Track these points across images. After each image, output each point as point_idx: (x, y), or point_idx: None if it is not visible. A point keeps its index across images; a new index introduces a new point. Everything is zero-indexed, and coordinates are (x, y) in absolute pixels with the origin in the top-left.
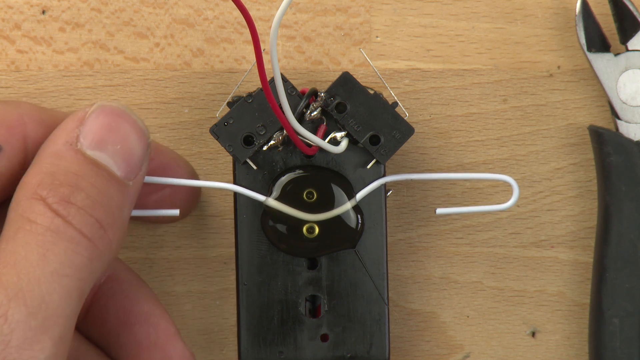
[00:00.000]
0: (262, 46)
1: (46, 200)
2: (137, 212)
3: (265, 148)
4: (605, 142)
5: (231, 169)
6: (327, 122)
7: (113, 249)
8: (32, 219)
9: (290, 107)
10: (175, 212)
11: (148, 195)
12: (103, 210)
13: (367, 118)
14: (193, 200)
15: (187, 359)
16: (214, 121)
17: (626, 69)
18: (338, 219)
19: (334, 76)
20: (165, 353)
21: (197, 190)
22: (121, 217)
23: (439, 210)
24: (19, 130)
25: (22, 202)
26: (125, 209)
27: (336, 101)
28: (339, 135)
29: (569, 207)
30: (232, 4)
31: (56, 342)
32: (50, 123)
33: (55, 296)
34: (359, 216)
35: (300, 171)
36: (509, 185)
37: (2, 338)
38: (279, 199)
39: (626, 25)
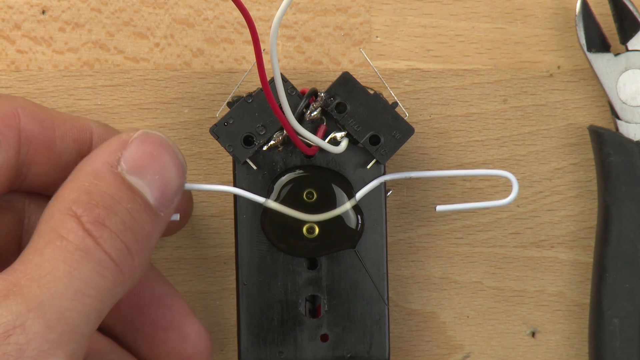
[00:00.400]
0: (262, 46)
1: (80, 218)
2: None
3: (265, 148)
4: (605, 142)
5: (231, 169)
6: (327, 122)
7: (136, 276)
8: (63, 235)
9: (290, 107)
10: (176, 216)
11: None
12: (133, 237)
13: (367, 118)
14: (185, 210)
15: (203, 336)
16: (214, 121)
17: (626, 69)
18: (338, 219)
19: (334, 76)
20: (182, 332)
21: (190, 201)
22: (149, 246)
23: (439, 208)
24: (13, 122)
25: (56, 215)
26: (153, 239)
27: (336, 101)
28: (339, 135)
29: (569, 207)
30: (232, 4)
31: (69, 358)
32: (43, 118)
33: (76, 314)
34: (359, 216)
35: (300, 171)
36: (508, 184)
37: (18, 347)
38: (278, 199)
39: (626, 25)
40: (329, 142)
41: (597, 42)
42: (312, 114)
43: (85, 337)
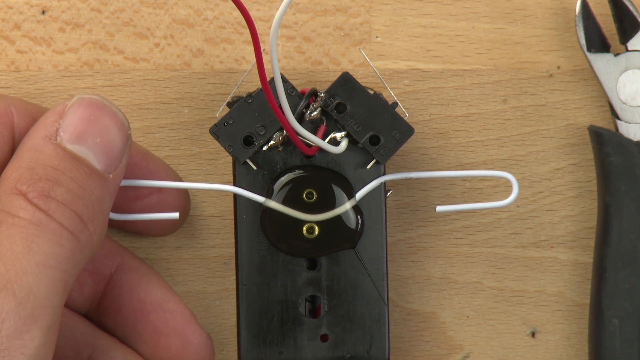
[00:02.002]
0: (262, 46)
1: (26, 195)
2: (135, 217)
3: (265, 148)
4: (605, 142)
5: (231, 169)
6: (327, 122)
7: (94, 241)
8: (14, 213)
9: (290, 107)
10: (175, 215)
11: (134, 201)
12: (83, 204)
13: (367, 118)
14: (183, 209)
15: (206, 343)
16: (214, 121)
17: (626, 69)
18: (338, 219)
19: (334, 76)
20: (184, 338)
21: (187, 200)
22: (101, 210)
23: (439, 208)
24: (7, 120)
25: (3, 197)
26: (105, 202)
27: (336, 101)
28: (338, 135)
29: (568, 207)
30: (232, 4)
31: (45, 332)
32: (37, 116)
33: (43, 287)
34: (358, 216)
35: (300, 171)
36: (508, 185)
37: None
38: (278, 199)
39: (626, 25)
40: (328, 142)
41: (597, 42)
42: (312, 114)
43: (56, 308)
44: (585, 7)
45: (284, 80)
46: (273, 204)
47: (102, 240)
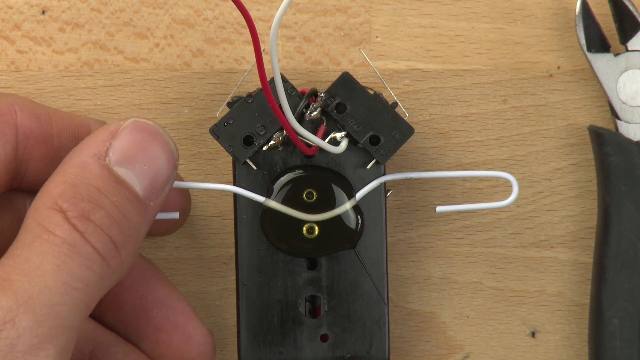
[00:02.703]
0: (262, 46)
1: (66, 213)
2: None
3: (265, 148)
4: (605, 142)
5: (231, 169)
6: (327, 122)
7: (124, 268)
8: (50, 230)
9: (290, 107)
10: (175, 214)
11: None
12: (120, 230)
13: (367, 118)
14: (183, 209)
15: (207, 338)
16: (214, 121)
17: (626, 69)
18: (338, 219)
19: (334, 76)
20: (186, 334)
21: (187, 200)
22: (136, 237)
23: (439, 209)
24: (10, 119)
25: (42, 210)
26: (141, 230)
27: (336, 101)
28: (338, 135)
29: (568, 207)
30: (232, 4)
31: (59, 351)
32: (41, 114)
33: (65, 307)
34: (358, 216)
35: (300, 171)
36: (508, 185)
37: (9, 342)
38: (278, 199)
39: (626, 25)
40: (328, 142)
41: (597, 42)
42: (312, 114)
43: (74, 330)
44: (585, 7)
45: (284, 80)
46: (273, 204)
47: (131, 267)
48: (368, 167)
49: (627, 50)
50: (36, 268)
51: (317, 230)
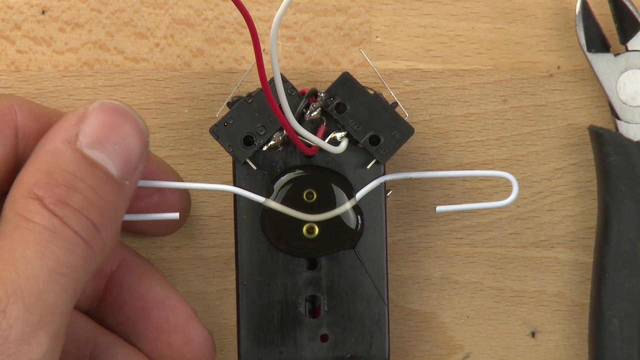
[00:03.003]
0: (262, 46)
1: (43, 200)
2: (135, 217)
3: (265, 148)
4: (605, 142)
5: (231, 169)
6: (327, 122)
7: (106, 249)
8: (29, 218)
9: (290, 107)
10: (175, 215)
11: (134, 201)
12: (98, 212)
13: (367, 118)
14: (183, 209)
15: (207, 340)
16: (214, 121)
17: (626, 69)
18: (338, 219)
19: (334, 76)
20: (186, 335)
21: (187, 200)
22: (115, 217)
23: (439, 208)
24: (10, 119)
25: (19, 200)
26: (119, 210)
27: (336, 101)
28: (338, 135)
29: (568, 207)
30: (232, 4)
31: (52, 338)
32: (40, 115)
33: (53, 294)
34: (358, 216)
35: (300, 171)
36: (508, 185)
37: (1, 333)
38: (278, 199)
39: (626, 25)
40: (328, 142)
41: (597, 42)
42: (312, 114)
43: (64, 315)
44: (585, 7)
45: (284, 80)
46: (273, 204)
47: (114, 248)
48: (368, 167)
49: (627, 50)
50: (20, 257)
51: (317, 230)
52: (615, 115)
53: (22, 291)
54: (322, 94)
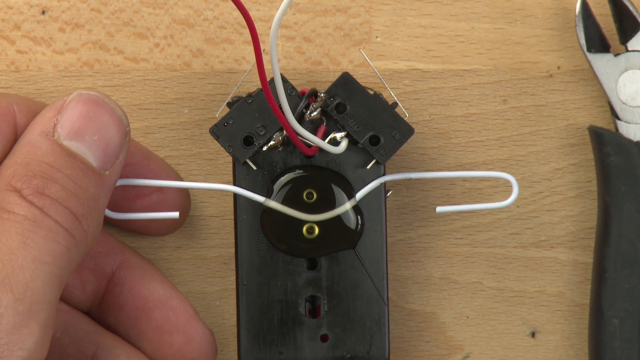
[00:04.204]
0: (262, 46)
1: (21, 191)
2: (135, 216)
3: (265, 148)
4: (605, 142)
5: (231, 169)
6: (327, 122)
7: (89, 239)
8: (8, 209)
9: (290, 107)
10: (175, 214)
11: (134, 200)
12: (77, 202)
13: (367, 118)
14: (183, 208)
15: (208, 339)
16: (214, 121)
17: (626, 70)
18: (338, 219)
19: (334, 76)
20: (187, 335)
21: (187, 199)
22: (97, 207)
23: (439, 209)
24: (9, 118)
25: None
26: (100, 199)
27: (336, 101)
28: (338, 135)
29: (568, 207)
30: (232, 4)
31: (42, 327)
32: (39, 113)
33: (39, 283)
34: (358, 217)
35: (300, 171)
36: (508, 185)
37: None
38: (278, 199)
39: (626, 25)
40: (328, 142)
41: (597, 43)
42: (312, 114)
43: (52, 304)
44: (585, 7)
45: (284, 81)
46: (273, 204)
47: (97, 237)
48: (368, 167)
49: (627, 51)
50: (3, 247)
51: (317, 230)
52: (615, 115)
53: (9, 280)
54: (322, 94)
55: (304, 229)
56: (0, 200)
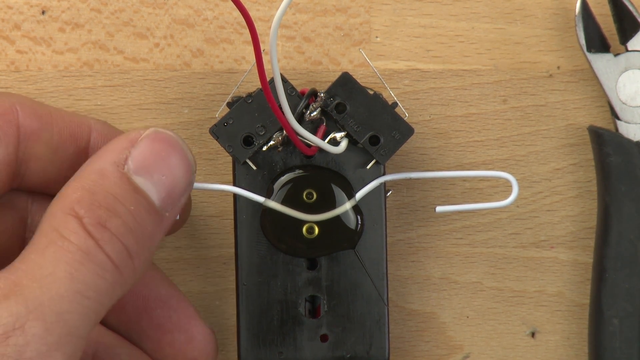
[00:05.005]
0: (262, 46)
1: (82, 219)
2: None
3: (265, 148)
4: (605, 142)
5: (231, 169)
6: (327, 122)
7: (136, 277)
8: (65, 236)
9: (290, 107)
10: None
11: None
12: (135, 239)
13: (367, 118)
14: (184, 209)
15: (209, 338)
16: (214, 121)
17: (626, 70)
18: (337, 219)
19: (334, 76)
20: (188, 334)
21: (188, 201)
22: (150, 246)
23: (439, 209)
24: (12, 118)
25: (58, 215)
26: (155, 239)
27: (336, 101)
28: (338, 135)
29: (568, 207)
30: (232, 4)
31: (67, 359)
32: (42, 113)
33: (75, 315)
34: (358, 217)
35: (300, 171)
36: (508, 185)
37: (17, 349)
38: (278, 199)
39: (626, 25)
40: (328, 142)
41: (597, 43)
42: (312, 114)
43: (83, 338)
44: (585, 7)
45: (284, 80)
46: (273, 204)
47: (143, 278)
48: (368, 167)
49: (627, 50)
50: (49, 275)
51: (317, 230)
52: (615, 115)
53: (43, 309)
54: (322, 94)
55: (304, 229)
56: (59, 223)
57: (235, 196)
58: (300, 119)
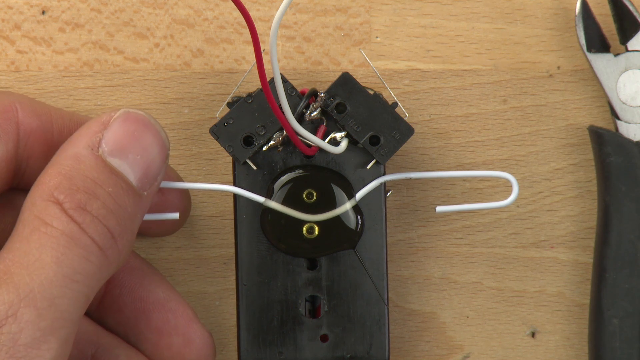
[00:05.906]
0: (262, 46)
1: (63, 204)
2: None
3: (265, 148)
4: (605, 142)
5: (231, 169)
6: (327, 122)
7: (121, 258)
8: (47, 222)
9: (290, 107)
10: (175, 215)
11: None
12: (116, 221)
13: (367, 118)
14: (183, 209)
15: (207, 341)
16: (214, 121)
17: (626, 70)
18: (338, 219)
19: (334, 76)
20: (186, 337)
21: (188, 200)
22: (132, 226)
23: (439, 208)
24: (12, 116)
25: (38, 202)
26: (136, 220)
27: (336, 101)
28: (338, 135)
29: (568, 207)
30: (232, 4)
31: (62, 344)
32: (41, 112)
33: (65, 300)
34: (358, 217)
35: (300, 171)
36: (508, 185)
37: (11, 336)
38: (278, 199)
39: (626, 25)
40: (328, 142)
41: (597, 43)
42: (312, 114)
43: (75, 322)
44: (585, 7)
45: (284, 81)
46: (273, 204)
47: (128, 258)
48: (368, 167)
49: (627, 50)
50: (36, 261)
51: (317, 230)
52: (615, 115)
53: (34, 295)
54: (322, 94)
55: (304, 229)
56: (40, 210)
57: (235, 196)
58: (301, 119)
